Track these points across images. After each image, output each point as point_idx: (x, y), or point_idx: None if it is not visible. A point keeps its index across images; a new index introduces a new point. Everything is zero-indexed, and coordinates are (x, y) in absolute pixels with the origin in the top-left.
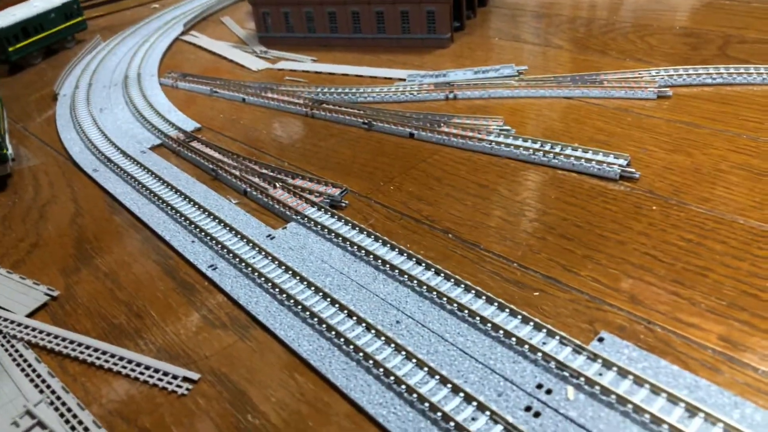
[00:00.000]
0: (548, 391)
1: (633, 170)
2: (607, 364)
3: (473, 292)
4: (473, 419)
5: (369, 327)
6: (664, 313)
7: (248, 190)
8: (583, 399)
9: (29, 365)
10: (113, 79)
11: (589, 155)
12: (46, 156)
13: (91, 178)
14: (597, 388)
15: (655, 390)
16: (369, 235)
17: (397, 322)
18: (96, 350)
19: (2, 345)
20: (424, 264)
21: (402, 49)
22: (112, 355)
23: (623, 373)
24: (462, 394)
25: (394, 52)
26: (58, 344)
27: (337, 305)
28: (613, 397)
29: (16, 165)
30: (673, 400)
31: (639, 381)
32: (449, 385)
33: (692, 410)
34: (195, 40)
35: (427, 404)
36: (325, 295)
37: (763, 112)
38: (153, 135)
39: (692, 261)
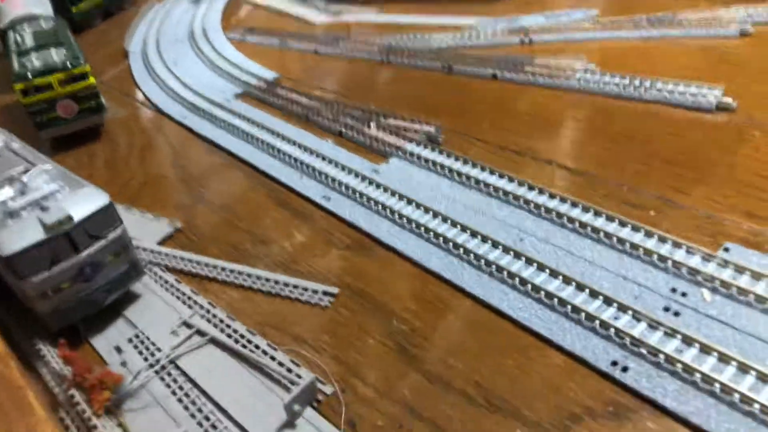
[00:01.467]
0: (683, 294)
1: (730, 100)
2: (740, 269)
3: (591, 211)
4: (616, 318)
5: (495, 244)
6: None
7: (343, 130)
8: (720, 300)
9: (171, 286)
10: (178, 36)
11: (681, 88)
12: (131, 107)
13: (182, 125)
14: (733, 289)
15: None
16: (474, 165)
17: (521, 240)
18: (232, 271)
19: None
20: (536, 189)
21: None
22: (249, 275)
23: (756, 276)
24: (601, 297)
25: (457, 2)
26: (194, 267)
27: (458, 226)
28: (752, 296)
29: (105, 115)
30: None
31: None
32: (586, 290)
33: None
34: None
35: (569, 306)
36: (444, 218)
37: None
38: (233, 85)
39: None
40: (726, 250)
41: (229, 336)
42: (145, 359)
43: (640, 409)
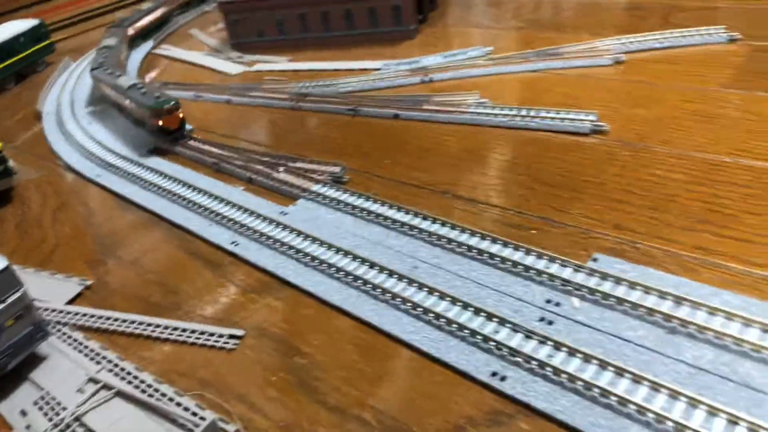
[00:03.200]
0: (557, 304)
1: (603, 124)
2: (604, 276)
3: (479, 235)
4: (496, 332)
5: (391, 273)
6: (645, 234)
7: (253, 176)
8: (587, 306)
9: (80, 343)
10: (94, 96)
11: (561, 115)
12: (44, 168)
13: (96, 183)
14: (598, 295)
15: (647, 290)
16: (375, 201)
17: (415, 267)
18: (141, 323)
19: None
20: (430, 219)
21: (371, 43)
22: (157, 326)
23: (619, 281)
24: (483, 314)
25: (365, 47)
26: (103, 323)
27: (358, 260)
28: (613, 300)
29: (16, 179)
30: (663, 295)
31: (632, 285)
32: (471, 309)
33: (679, 301)
34: (167, 53)
35: (454, 325)
36: (346, 253)
37: (706, 67)
38: (147, 140)
39: (663, 191)
40: (595, 260)
41: (136, 387)
42: (50, 420)
43: (516, 413)
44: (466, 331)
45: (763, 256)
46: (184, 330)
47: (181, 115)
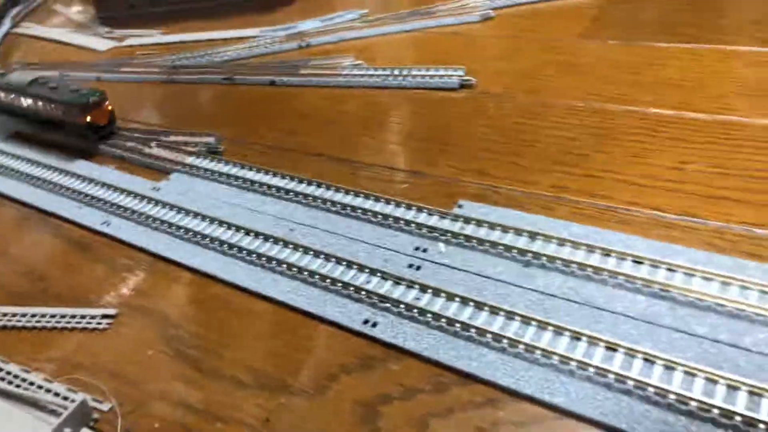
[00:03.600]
0: (424, 251)
1: (471, 78)
2: (467, 220)
3: (352, 193)
4: (368, 282)
5: (266, 238)
6: (506, 178)
7: (124, 154)
8: (452, 249)
9: None
10: None
11: (432, 72)
12: None
13: None
14: (462, 238)
15: (505, 229)
16: (251, 169)
17: (291, 230)
18: (5, 314)
19: None
20: (306, 181)
21: (248, 10)
22: (23, 315)
23: (480, 223)
24: (356, 267)
25: (241, 15)
26: None
27: (233, 228)
28: (475, 241)
29: None
30: (519, 233)
31: (492, 226)
32: (344, 263)
33: (533, 236)
34: (29, 31)
35: (329, 281)
36: (221, 223)
37: (566, 20)
38: (9, 122)
39: (524, 137)
40: (460, 206)
41: (2, 380)
42: None
43: (386, 356)
44: (339, 284)
45: (606, 189)
46: (53, 316)
47: (109, 108)
